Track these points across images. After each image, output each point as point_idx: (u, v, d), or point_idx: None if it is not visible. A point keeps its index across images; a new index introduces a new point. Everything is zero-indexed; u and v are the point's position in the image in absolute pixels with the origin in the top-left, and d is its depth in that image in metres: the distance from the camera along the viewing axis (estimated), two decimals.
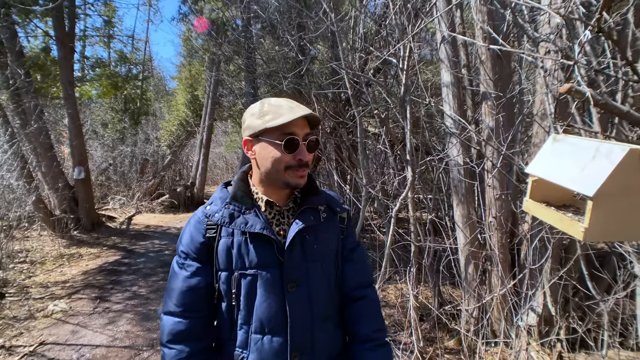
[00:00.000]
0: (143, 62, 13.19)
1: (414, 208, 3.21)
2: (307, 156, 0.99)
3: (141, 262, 5.59)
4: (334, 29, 3.43)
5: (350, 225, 1.16)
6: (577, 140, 0.84)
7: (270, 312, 0.97)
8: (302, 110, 0.96)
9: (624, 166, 0.70)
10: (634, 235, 0.76)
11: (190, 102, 12.83)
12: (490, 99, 2.76)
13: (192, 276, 1.00)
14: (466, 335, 2.97)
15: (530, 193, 0.94)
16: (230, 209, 1.00)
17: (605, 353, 2.10)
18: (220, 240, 0.99)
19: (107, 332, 3.43)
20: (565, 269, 2.33)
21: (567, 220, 0.82)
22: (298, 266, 1.00)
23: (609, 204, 0.73)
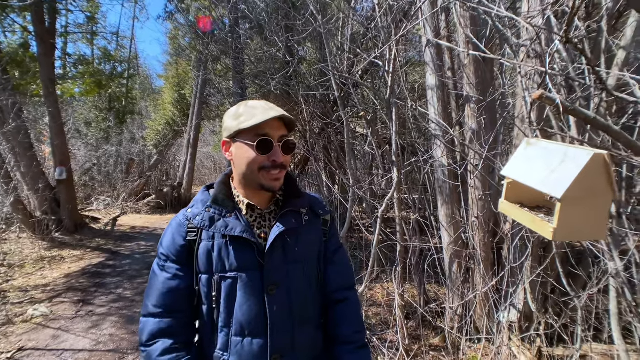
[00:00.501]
0: (128, 60, 13.00)
1: (400, 208, 3.27)
2: (282, 158, 0.99)
3: (126, 264, 5.51)
4: (322, 31, 3.46)
5: (333, 227, 1.17)
6: (548, 145, 0.89)
7: (250, 315, 0.97)
8: (276, 111, 0.97)
9: (589, 170, 0.75)
10: (598, 235, 0.81)
11: (177, 101, 12.68)
12: (472, 102, 2.83)
13: (173, 278, 1.00)
14: (450, 332, 3.04)
15: (505, 195, 0.99)
16: (211, 213, 1.01)
17: (579, 347, 2.19)
18: (201, 244, 1.00)
19: (91, 335, 3.37)
20: (542, 267, 2.42)
21: (538, 221, 0.86)
22: (279, 269, 1.00)
23: (575, 205, 0.78)
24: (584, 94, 1.91)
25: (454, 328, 3.08)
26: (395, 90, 3.12)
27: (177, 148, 15.64)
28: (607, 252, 1.87)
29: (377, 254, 3.25)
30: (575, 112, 0.91)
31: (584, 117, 0.92)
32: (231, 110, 1.04)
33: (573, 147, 0.82)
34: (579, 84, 1.80)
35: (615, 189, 0.77)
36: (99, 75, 9.15)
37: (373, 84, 4.74)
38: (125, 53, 13.29)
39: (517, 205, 0.98)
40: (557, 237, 0.80)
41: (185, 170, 12.19)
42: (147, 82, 19.38)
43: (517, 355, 2.78)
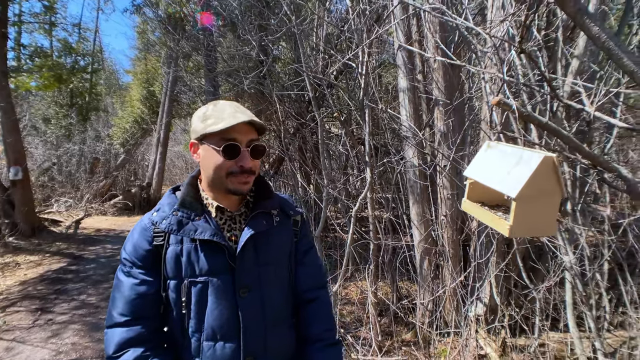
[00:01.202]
0: (92, 54, 12.42)
1: (373, 207, 3.34)
2: (250, 163, 0.97)
3: (91, 268, 5.28)
4: (295, 31, 3.48)
5: (304, 228, 1.17)
6: (505, 147, 0.95)
7: (222, 319, 0.96)
8: (244, 115, 0.95)
9: (540, 171, 0.82)
10: (549, 230, 0.89)
11: (146, 98, 12.28)
12: (441, 105, 2.94)
13: (140, 284, 0.97)
14: (421, 327, 3.14)
15: (467, 194, 1.05)
16: (179, 216, 0.98)
17: (537, 336, 2.33)
18: (169, 248, 0.97)
19: (50, 346, 3.20)
20: (505, 262, 2.55)
21: (496, 219, 0.93)
22: (250, 271, 1.00)
23: (529, 204, 0.85)
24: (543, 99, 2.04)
25: (424, 323, 3.19)
26: (369, 91, 3.19)
27: (146, 147, 15.13)
28: (563, 246, 2.01)
29: (351, 253, 3.31)
30: (530, 118, 0.98)
31: (537, 122, 1.00)
32: (199, 110, 1.02)
33: (527, 150, 0.89)
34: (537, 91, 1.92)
35: (563, 188, 0.84)
36: (59, 68, 8.61)
37: (347, 85, 4.81)
38: (89, 46, 12.72)
39: (478, 204, 1.05)
40: (513, 233, 0.86)
41: (154, 170, 11.83)
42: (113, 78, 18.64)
43: (483, 347, 2.92)
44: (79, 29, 11.46)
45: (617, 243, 2.25)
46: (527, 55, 0.98)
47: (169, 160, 15.13)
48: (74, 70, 9.70)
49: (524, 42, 0.91)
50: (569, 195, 2.01)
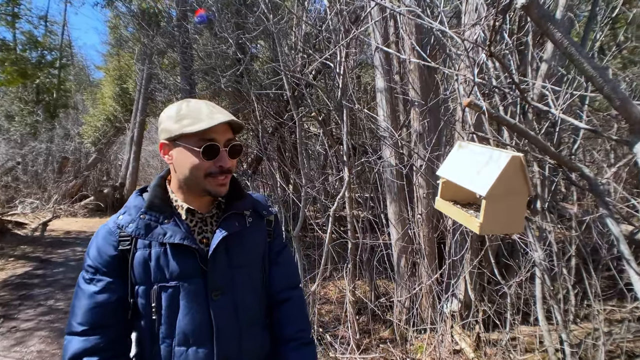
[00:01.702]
0: (60, 48, 11.88)
1: (352, 207, 3.37)
2: (229, 163, 0.96)
3: (59, 272, 5.06)
4: (273, 30, 3.45)
5: (277, 228, 1.16)
6: (476, 147, 0.98)
7: (194, 324, 0.94)
8: (224, 115, 0.93)
9: (508, 170, 0.85)
10: (517, 227, 0.92)
11: (119, 95, 11.87)
12: (417, 106, 2.99)
13: (102, 292, 0.93)
14: (399, 324, 3.19)
15: (440, 193, 1.08)
16: (147, 219, 0.95)
17: (508, 330, 2.42)
18: (136, 253, 0.94)
19: (14, 354, 3.05)
20: (478, 259, 2.63)
21: (468, 217, 0.95)
22: (223, 274, 0.98)
23: (498, 202, 0.87)
24: (514, 101, 2.11)
25: (401, 320, 3.24)
26: (347, 91, 3.21)
27: (119, 146, 14.65)
28: (532, 243, 2.09)
29: (329, 252, 3.32)
30: (499, 119, 1.02)
31: (506, 123, 1.03)
32: (170, 110, 0.97)
33: (496, 150, 0.92)
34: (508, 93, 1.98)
35: (530, 187, 0.87)
36: (23, 63, 8.16)
37: (326, 84, 4.82)
38: (56, 40, 12.16)
39: (451, 202, 1.07)
40: (483, 230, 0.89)
41: (128, 170, 11.47)
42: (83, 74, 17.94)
43: (458, 342, 2.99)
44: (45, 22, 10.93)
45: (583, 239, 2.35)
46: (496, 57, 1.01)
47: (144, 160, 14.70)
48: (40, 65, 9.25)
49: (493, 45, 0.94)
50: (538, 194, 2.09)
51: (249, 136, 5.66)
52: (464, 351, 2.92)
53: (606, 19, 2.64)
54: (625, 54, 4.60)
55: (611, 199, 1.98)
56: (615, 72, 3.31)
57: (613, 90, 0.82)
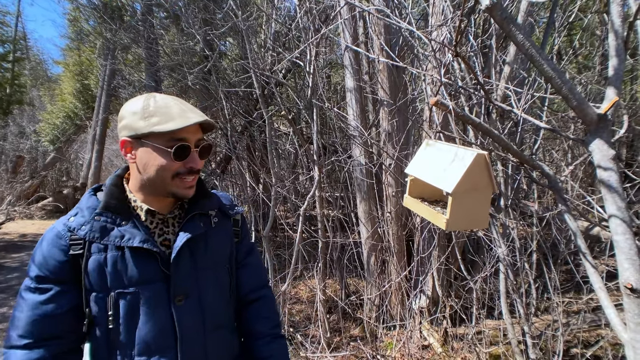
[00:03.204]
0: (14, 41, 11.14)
1: (322, 206, 3.36)
2: (200, 163, 0.93)
3: (13, 277, 4.76)
4: (242, 27, 3.38)
5: (245, 227, 1.12)
6: (442, 146, 0.99)
7: (155, 331, 0.89)
8: (196, 115, 0.89)
9: (473, 168, 0.86)
10: (482, 223, 0.93)
11: (79, 92, 11.27)
12: (386, 106, 3.02)
13: (49, 301, 0.86)
14: (369, 322, 3.22)
15: (409, 190, 1.08)
16: (102, 221, 0.88)
17: (474, 324, 2.49)
18: (90, 258, 0.87)
19: None
20: (445, 255, 2.69)
21: (434, 213, 0.96)
22: (187, 277, 0.93)
23: (463, 199, 0.88)
24: (479, 101, 2.17)
25: (372, 318, 3.27)
26: (316, 90, 3.20)
27: (80, 144, 13.93)
28: (496, 240, 2.16)
29: (300, 252, 3.29)
30: (465, 118, 1.03)
31: (471, 122, 1.05)
32: (134, 105, 0.89)
33: (462, 148, 0.93)
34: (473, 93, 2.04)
35: (494, 184, 0.89)
36: None
37: (296, 83, 4.78)
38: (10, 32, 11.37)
39: (419, 200, 1.08)
40: (449, 227, 0.90)
41: (90, 170, 10.93)
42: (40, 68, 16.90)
43: (427, 337, 3.06)
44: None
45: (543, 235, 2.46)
46: (462, 58, 1.03)
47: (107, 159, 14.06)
48: None
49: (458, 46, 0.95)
50: (502, 192, 2.17)
51: (217, 135, 5.53)
52: (432, 346, 2.99)
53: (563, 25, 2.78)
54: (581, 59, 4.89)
55: (568, 196, 2.09)
56: (572, 75, 3.50)
57: (570, 91, 0.85)
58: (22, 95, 11.92)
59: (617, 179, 0.85)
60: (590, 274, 1.03)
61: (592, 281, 1.02)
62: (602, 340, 2.45)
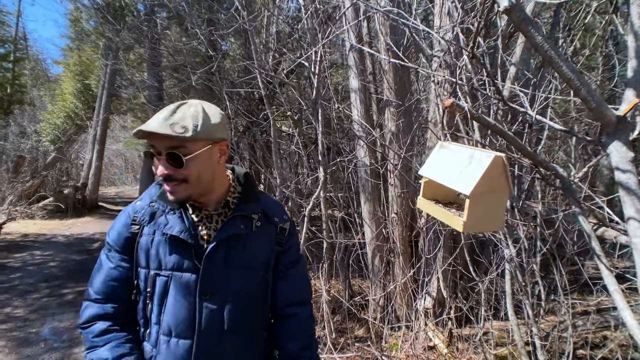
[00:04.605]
0: (14, 41, 11.12)
1: (326, 206, 3.36)
2: (167, 171, 0.91)
3: (16, 277, 4.74)
4: (247, 27, 3.38)
5: (292, 237, 1.11)
6: (457, 147, 0.99)
7: (178, 317, 0.95)
8: (157, 124, 0.87)
9: (491, 170, 0.86)
10: (498, 226, 0.93)
11: (80, 92, 11.26)
12: (392, 106, 3.02)
13: (115, 268, 0.99)
14: (374, 322, 3.21)
15: (422, 192, 1.08)
16: (154, 208, 0.99)
17: (482, 325, 2.49)
18: (142, 238, 0.98)
19: None
20: (452, 257, 2.69)
21: (450, 215, 0.96)
22: (217, 274, 0.96)
23: (481, 201, 0.88)
24: (485, 102, 2.18)
25: (377, 318, 3.26)
26: (321, 91, 3.20)
27: (80, 144, 13.93)
28: (504, 240, 2.16)
29: (304, 252, 3.29)
30: (479, 119, 1.03)
31: (485, 123, 1.05)
32: None
33: (478, 150, 0.93)
34: (481, 94, 2.04)
35: (511, 185, 0.89)
36: None
37: (299, 83, 4.79)
38: (10, 32, 11.35)
39: (432, 201, 1.07)
40: (466, 228, 0.89)
41: (91, 170, 10.94)
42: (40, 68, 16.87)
43: (432, 338, 3.05)
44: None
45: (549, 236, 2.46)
46: (478, 60, 1.03)
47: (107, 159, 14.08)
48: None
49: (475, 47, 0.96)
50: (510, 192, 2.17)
51: None
52: (437, 347, 2.98)
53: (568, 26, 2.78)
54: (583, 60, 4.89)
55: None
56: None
57: (589, 93, 0.85)
58: (22, 95, 11.91)
59: (635, 181, 0.85)
60: (605, 276, 1.03)
61: (607, 283, 1.02)
62: (611, 343, 2.45)
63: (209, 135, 0.92)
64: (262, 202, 1.07)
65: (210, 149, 0.94)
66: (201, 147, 0.91)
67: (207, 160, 0.94)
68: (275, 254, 1.06)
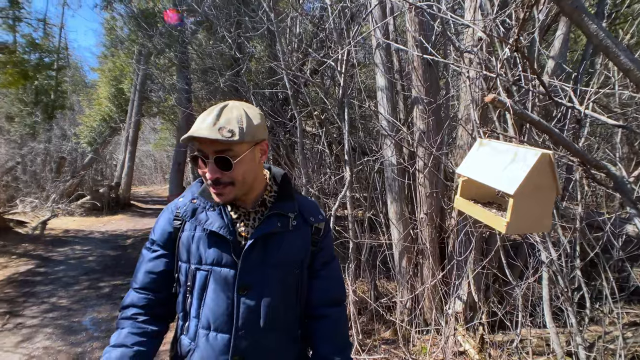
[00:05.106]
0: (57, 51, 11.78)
1: (352, 206, 3.32)
2: (215, 174, 0.92)
3: (60, 270, 5.03)
4: (274, 29, 3.40)
5: (326, 238, 1.11)
6: (499, 145, 0.94)
7: (217, 311, 0.97)
8: (208, 129, 0.88)
9: (537, 168, 0.80)
10: (544, 227, 0.87)
11: (114, 96, 11.81)
12: (421, 104, 2.95)
13: (155, 260, 1.04)
14: (401, 325, 3.15)
15: (460, 191, 1.03)
16: (195, 204, 1.02)
17: (519, 332, 2.38)
18: (183, 233, 1.01)
19: (21, 350, 3.04)
20: (487, 259, 2.59)
21: (491, 216, 0.91)
22: (254, 270, 0.98)
23: (525, 200, 0.83)
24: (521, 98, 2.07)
25: (404, 321, 3.20)
26: (347, 90, 3.17)
27: (114, 146, 14.57)
28: (541, 243, 2.05)
29: None
30: (523, 116, 0.98)
31: (529, 120, 0.99)
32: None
33: (521, 147, 0.88)
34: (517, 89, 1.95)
35: (559, 185, 0.83)
36: (24, 65, 8.20)
37: (323, 83, 4.77)
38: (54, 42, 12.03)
39: (471, 201, 1.03)
40: (510, 230, 0.85)
41: (123, 170, 11.42)
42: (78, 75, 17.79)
43: (462, 343, 2.95)
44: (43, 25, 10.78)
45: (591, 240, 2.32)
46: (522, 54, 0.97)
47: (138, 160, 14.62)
48: (39, 67, 9.21)
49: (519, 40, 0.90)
50: None
51: None
52: (467, 353, 2.88)
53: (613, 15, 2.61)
54: None
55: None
56: None
57: None
58: (64, 100, 12.57)
59: None
60: None
61: None
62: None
63: (252, 137, 0.93)
64: (298, 201, 1.07)
65: (253, 150, 0.96)
66: (246, 149, 0.93)
67: (251, 161, 0.96)
68: (310, 254, 1.07)
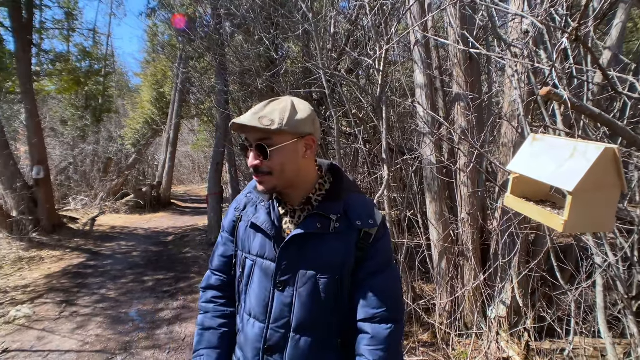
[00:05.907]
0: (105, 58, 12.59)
1: (390, 206, 3.28)
2: (255, 161, 0.94)
3: (108, 264, 5.38)
4: (311, 29, 3.43)
5: (378, 245, 1.00)
6: (555, 140, 0.90)
7: (257, 301, 1.01)
8: (248, 117, 0.92)
9: (599, 164, 0.76)
10: (606, 227, 0.83)
11: (156, 99, 12.43)
12: (463, 100, 2.87)
13: (224, 245, 1.15)
14: (440, 328, 3.07)
15: (511, 189, 1.00)
16: (249, 198, 1.09)
17: (572, 340, 2.24)
18: (240, 223, 1.09)
19: (77, 337, 3.29)
20: (536, 262, 2.46)
21: (547, 214, 0.87)
22: (290, 268, 0.99)
23: (585, 198, 0.79)
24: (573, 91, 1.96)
25: (443, 324, 3.11)
26: (385, 88, 3.14)
27: (155, 147, 15.30)
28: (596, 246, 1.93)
29: None
30: (582, 109, 0.92)
31: (589, 113, 0.94)
32: None
33: (581, 142, 0.83)
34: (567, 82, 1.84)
35: (624, 182, 0.78)
36: (77, 72, 8.89)
37: (358, 82, 4.74)
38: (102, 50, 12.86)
39: (522, 199, 0.99)
40: (568, 229, 0.81)
41: (164, 170, 11.97)
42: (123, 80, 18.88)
43: (505, 350, 2.83)
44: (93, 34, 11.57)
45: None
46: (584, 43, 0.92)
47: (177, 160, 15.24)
48: (90, 73, 9.92)
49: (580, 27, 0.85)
50: None
51: None
52: (512, 359, 2.76)
53: None
54: None
55: None
56: None
57: None
58: (110, 104, 13.40)
59: None
60: None
61: None
62: None
63: (295, 129, 0.92)
64: (349, 202, 1.01)
65: (296, 143, 0.94)
66: (286, 140, 0.93)
67: (292, 154, 0.95)
68: (354, 260, 0.99)
